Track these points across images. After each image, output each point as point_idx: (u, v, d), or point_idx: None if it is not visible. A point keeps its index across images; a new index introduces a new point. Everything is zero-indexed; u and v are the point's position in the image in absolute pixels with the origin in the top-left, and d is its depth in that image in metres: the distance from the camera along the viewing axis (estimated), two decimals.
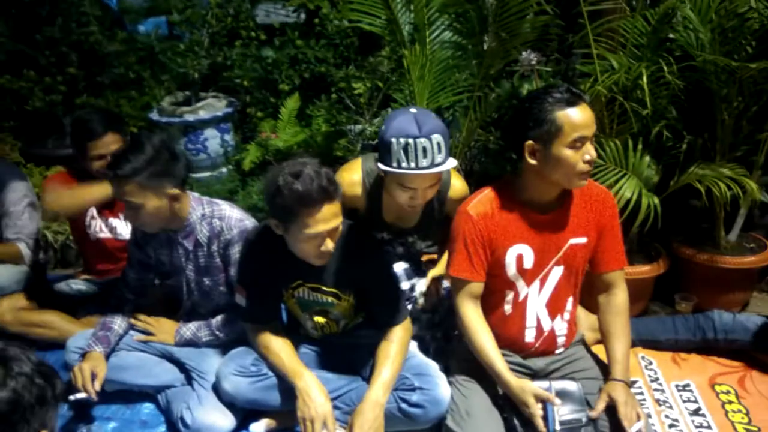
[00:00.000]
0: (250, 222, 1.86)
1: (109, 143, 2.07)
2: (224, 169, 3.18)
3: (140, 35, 3.60)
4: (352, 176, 1.89)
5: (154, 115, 3.13)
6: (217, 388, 1.80)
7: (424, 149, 1.66)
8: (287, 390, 1.71)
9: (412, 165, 1.67)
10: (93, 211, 2.25)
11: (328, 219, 1.53)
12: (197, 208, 1.84)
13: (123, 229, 2.27)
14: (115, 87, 3.51)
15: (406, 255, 2.09)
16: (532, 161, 1.53)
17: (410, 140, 1.65)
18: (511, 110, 2.71)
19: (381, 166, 1.72)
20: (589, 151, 1.49)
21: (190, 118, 3.04)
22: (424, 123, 1.68)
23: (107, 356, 1.87)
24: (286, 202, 1.49)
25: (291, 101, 3.14)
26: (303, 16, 3.38)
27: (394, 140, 1.66)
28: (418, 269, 2.13)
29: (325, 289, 1.73)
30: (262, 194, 2.74)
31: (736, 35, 2.18)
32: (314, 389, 1.64)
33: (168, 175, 1.73)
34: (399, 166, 1.67)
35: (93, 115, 2.16)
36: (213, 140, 3.10)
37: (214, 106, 3.12)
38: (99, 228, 2.27)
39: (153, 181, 1.70)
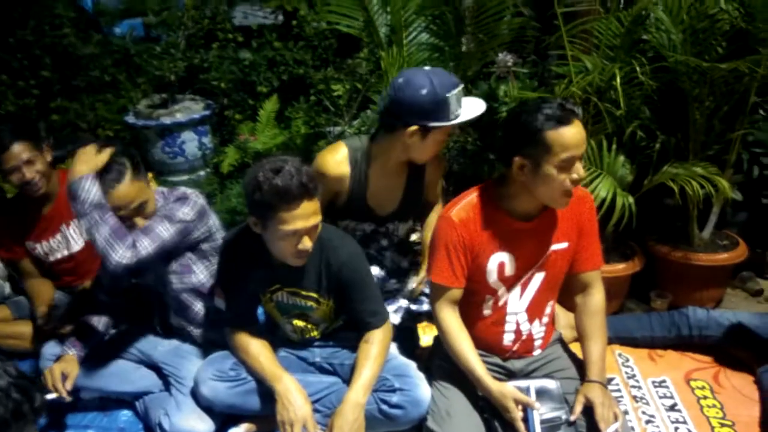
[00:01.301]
0: (195, 197, 1.82)
1: (20, 154, 2.01)
2: (202, 172, 3.16)
3: (116, 38, 3.55)
4: (337, 155, 1.89)
5: (130, 118, 3.09)
6: (195, 393, 1.78)
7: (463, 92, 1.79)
8: (266, 394, 1.70)
9: (462, 110, 1.78)
10: (29, 244, 2.22)
11: (307, 216, 1.52)
12: (160, 199, 1.83)
13: (65, 243, 2.24)
14: (90, 90, 3.45)
15: (391, 246, 2.10)
16: (520, 176, 1.52)
17: (459, 89, 1.76)
18: (489, 112, 2.73)
19: (439, 124, 1.76)
20: (578, 171, 1.48)
21: (166, 120, 3.01)
22: (446, 73, 1.80)
23: (82, 360, 1.84)
24: (265, 197, 1.49)
25: (269, 103, 3.13)
26: (281, 18, 3.37)
27: (450, 95, 1.74)
28: (405, 261, 2.15)
29: (303, 293, 1.73)
30: (242, 194, 2.76)
31: (706, 36, 2.21)
32: (293, 392, 1.63)
33: (140, 162, 1.77)
34: (456, 117, 1.77)
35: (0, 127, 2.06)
36: (190, 143, 3.07)
37: (191, 108, 3.09)
38: (44, 254, 2.24)
39: (140, 173, 1.74)
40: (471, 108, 1.81)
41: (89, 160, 1.65)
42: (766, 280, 2.58)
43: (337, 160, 1.88)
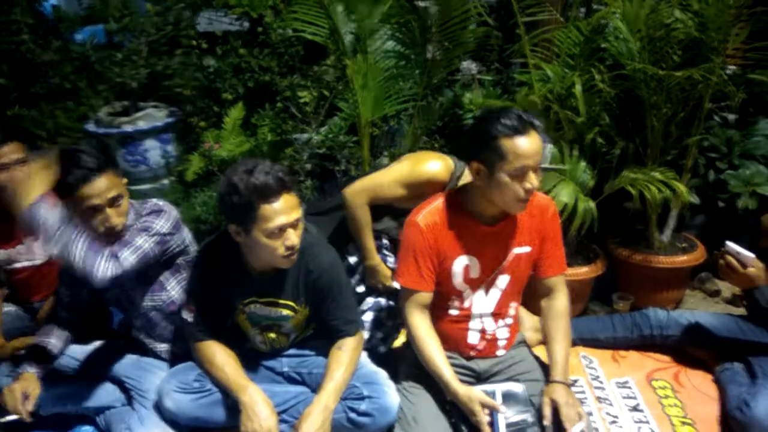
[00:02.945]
0: (168, 209, 1.79)
1: (12, 153, 1.96)
2: (166, 181, 3.10)
3: (76, 44, 3.47)
4: (447, 165, 1.89)
5: (91, 126, 3.03)
6: (158, 407, 1.75)
7: None
8: (232, 405, 1.68)
9: None
10: None
11: (289, 210, 1.52)
12: (131, 211, 1.79)
13: (27, 254, 2.17)
14: (49, 97, 3.36)
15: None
16: (477, 181, 1.56)
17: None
18: (455, 119, 2.77)
19: None
20: (531, 180, 1.51)
21: (128, 128, 2.95)
22: None
23: (42, 377, 1.79)
24: (244, 198, 1.48)
25: (235, 110, 3.09)
26: (246, 24, 3.34)
27: None
28: None
29: (281, 302, 1.71)
30: (207, 203, 2.73)
31: (663, 45, 2.27)
32: (259, 403, 1.61)
33: (117, 163, 1.74)
34: None
35: None
36: (153, 151, 3.02)
37: (153, 116, 3.04)
38: (3, 262, 2.15)
39: (117, 169, 1.71)
40: None
41: (42, 179, 1.53)
42: (724, 281, 2.65)
43: (446, 169, 1.88)
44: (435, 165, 1.86)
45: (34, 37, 3.30)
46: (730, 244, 1.80)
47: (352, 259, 2.07)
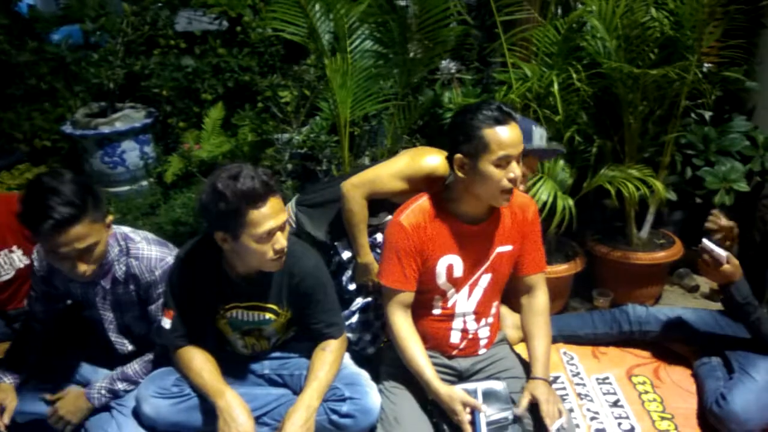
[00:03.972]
0: (171, 257, 1.75)
1: None
2: (145, 183, 3.07)
3: (52, 45, 3.42)
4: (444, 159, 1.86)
5: (68, 128, 2.98)
6: (137, 413, 1.72)
7: None
8: (210, 410, 1.65)
9: None
10: None
11: (276, 213, 1.51)
12: (114, 244, 1.72)
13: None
14: (26, 99, 3.32)
15: None
16: (461, 174, 1.56)
17: None
18: (435, 118, 2.77)
19: None
20: (514, 170, 1.52)
21: (105, 129, 2.91)
22: None
23: (18, 387, 1.77)
24: (231, 205, 1.45)
25: (214, 111, 3.06)
26: (225, 24, 3.31)
27: None
28: None
29: (263, 305, 1.70)
30: (187, 205, 2.70)
31: (639, 43, 2.29)
32: (236, 408, 1.60)
33: (102, 200, 1.60)
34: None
35: None
36: (131, 152, 2.99)
37: (131, 117, 3.00)
38: None
39: (98, 211, 1.56)
40: None
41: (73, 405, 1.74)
42: (702, 277, 2.69)
43: (445, 164, 1.82)
44: (434, 159, 1.85)
45: (9, 37, 3.26)
46: (706, 242, 1.82)
47: (345, 255, 2.04)
